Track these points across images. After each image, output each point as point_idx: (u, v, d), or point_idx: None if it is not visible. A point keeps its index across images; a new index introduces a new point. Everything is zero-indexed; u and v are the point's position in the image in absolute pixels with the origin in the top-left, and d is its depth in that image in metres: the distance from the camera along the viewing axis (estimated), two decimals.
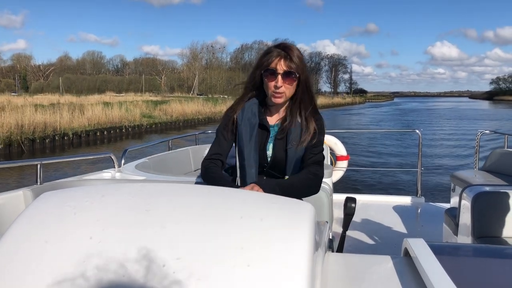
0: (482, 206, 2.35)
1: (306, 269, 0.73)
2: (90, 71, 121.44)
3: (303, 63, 1.73)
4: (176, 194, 0.95)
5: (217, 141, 1.86)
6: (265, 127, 1.80)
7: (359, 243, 3.47)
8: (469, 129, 27.51)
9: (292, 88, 1.72)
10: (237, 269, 0.72)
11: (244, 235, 0.79)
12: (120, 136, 23.26)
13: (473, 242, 2.31)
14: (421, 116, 47.69)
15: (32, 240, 0.81)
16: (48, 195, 0.97)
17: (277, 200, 0.97)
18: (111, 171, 3.02)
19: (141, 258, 0.74)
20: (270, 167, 1.82)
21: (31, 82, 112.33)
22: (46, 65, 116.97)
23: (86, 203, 0.89)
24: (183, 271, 0.72)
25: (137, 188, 0.98)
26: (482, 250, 1.24)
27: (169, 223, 0.81)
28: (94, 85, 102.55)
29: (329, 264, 1.06)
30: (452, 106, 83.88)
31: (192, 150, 4.01)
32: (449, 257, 1.05)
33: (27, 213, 0.89)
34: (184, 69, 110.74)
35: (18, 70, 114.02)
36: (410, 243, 1.04)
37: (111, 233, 0.80)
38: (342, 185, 6.79)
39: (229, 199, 0.95)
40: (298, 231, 0.81)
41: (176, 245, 0.76)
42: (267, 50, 1.75)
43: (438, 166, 13.29)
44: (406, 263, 1.04)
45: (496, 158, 3.81)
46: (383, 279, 1.00)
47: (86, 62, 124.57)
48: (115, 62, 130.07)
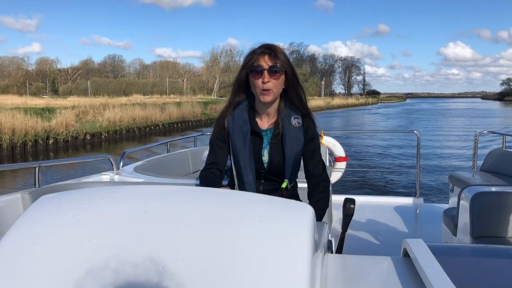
0: (481, 207, 2.39)
1: (305, 270, 0.74)
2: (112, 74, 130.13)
3: (288, 59, 1.78)
4: (174, 196, 0.97)
5: (212, 152, 1.89)
6: (258, 133, 1.83)
7: (358, 244, 3.51)
8: (461, 126, 30.61)
9: (279, 83, 1.75)
10: (236, 270, 0.73)
11: (243, 236, 0.80)
12: (187, 127, 31.92)
13: (472, 242, 2.35)
14: (423, 115, 55.13)
15: (30, 243, 0.81)
16: (46, 198, 0.98)
17: (275, 201, 1.00)
18: (110, 174, 3.08)
19: (140, 261, 0.75)
20: (268, 172, 1.86)
21: (59, 85, 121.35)
22: (74, 68, 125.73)
23: (84, 205, 0.90)
24: (182, 274, 0.73)
25: (136, 191, 0.99)
26: (481, 250, 1.25)
27: (168, 226, 0.82)
28: (119, 88, 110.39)
29: (329, 265, 1.07)
30: (460, 107, 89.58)
31: (191, 152, 4.10)
32: (448, 258, 1.06)
33: (25, 216, 0.89)
34: (203, 72, 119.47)
35: (47, 73, 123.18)
36: (409, 244, 1.06)
37: (110, 235, 0.81)
38: (340, 186, 7.04)
39: (227, 201, 0.96)
40: (297, 232, 0.83)
41: (175, 248, 0.77)
42: (251, 50, 1.80)
43: (436, 166, 13.59)
44: (405, 263, 1.05)
45: (494, 158, 3.84)
46: (383, 280, 1.01)
47: (107, 65, 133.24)
48: (135, 66, 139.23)
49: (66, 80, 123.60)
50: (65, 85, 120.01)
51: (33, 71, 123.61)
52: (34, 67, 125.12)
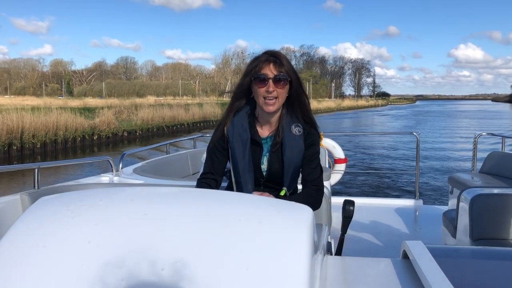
0: (480, 208, 2.40)
1: (305, 272, 0.75)
2: (125, 76, 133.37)
3: (293, 67, 1.76)
4: (174, 198, 0.98)
5: (210, 160, 1.87)
6: (257, 142, 1.82)
7: (358, 245, 3.53)
8: (466, 128, 31.15)
9: (284, 92, 1.73)
10: (236, 272, 0.74)
11: (242, 238, 0.81)
12: (209, 126, 34.63)
13: (471, 244, 2.36)
14: (431, 116, 57.47)
15: (30, 244, 0.82)
16: (46, 200, 0.99)
17: (275, 203, 1.00)
18: (109, 175, 3.10)
19: (140, 262, 0.75)
20: (267, 180, 1.85)
21: (73, 86, 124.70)
22: (88, 70, 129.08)
23: (84, 207, 0.90)
24: (181, 275, 0.73)
25: (135, 192, 1.00)
26: (480, 252, 1.24)
27: (167, 227, 0.83)
28: (133, 90, 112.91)
29: (328, 267, 1.07)
30: (469, 109, 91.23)
31: (190, 154, 4.16)
32: (448, 259, 1.06)
33: (25, 218, 0.90)
34: (215, 74, 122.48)
35: (62, 75, 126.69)
36: (409, 246, 1.07)
37: (109, 237, 0.81)
38: (340, 188, 7.07)
39: (227, 202, 0.97)
40: (297, 234, 0.83)
41: (175, 249, 0.78)
42: (255, 57, 1.77)
43: (436, 168, 13.61)
44: (405, 265, 1.06)
45: (494, 160, 3.86)
46: (382, 281, 1.01)
47: (120, 67, 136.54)
48: (147, 67, 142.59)
49: (81, 81, 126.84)
50: (80, 86, 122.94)
51: (48, 73, 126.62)
52: (48, 69, 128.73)
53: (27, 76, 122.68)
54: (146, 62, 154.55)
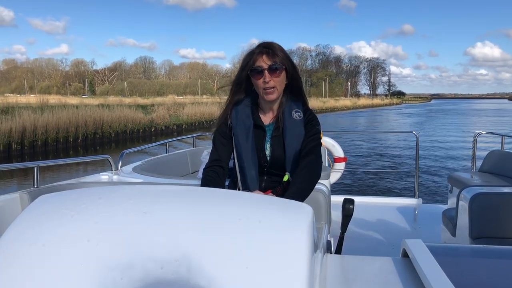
0: (480, 207, 2.43)
1: (304, 271, 0.76)
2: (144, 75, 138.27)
3: (287, 55, 1.82)
4: (173, 196, 0.99)
5: (215, 148, 1.93)
6: (261, 127, 1.89)
7: (358, 244, 3.54)
8: (473, 126, 31.74)
9: (281, 80, 1.81)
10: (235, 271, 0.74)
11: (242, 237, 0.81)
12: None
13: (471, 243, 2.38)
14: (441, 114, 59.71)
15: (29, 243, 0.82)
16: (45, 198, 0.99)
17: (275, 202, 1.01)
18: (109, 174, 3.12)
19: (139, 261, 0.76)
20: (270, 166, 1.89)
21: (96, 85, 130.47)
22: (110, 69, 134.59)
23: (83, 206, 0.91)
24: (181, 274, 0.74)
25: (135, 191, 1.00)
26: (479, 251, 1.25)
27: (167, 225, 0.84)
28: (154, 89, 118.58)
29: (328, 265, 1.09)
30: (483, 108, 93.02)
31: (190, 152, 4.19)
32: (447, 258, 1.07)
33: (24, 216, 0.91)
34: (232, 73, 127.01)
35: (84, 75, 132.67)
36: (409, 244, 1.08)
37: (109, 236, 0.82)
38: (340, 187, 7.36)
39: (227, 201, 0.97)
40: (297, 233, 0.84)
41: (174, 248, 0.78)
42: (249, 51, 1.84)
43: (435, 167, 13.67)
44: (405, 264, 1.07)
45: (493, 159, 3.89)
46: (382, 280, 1.02)
47: (138, 66, 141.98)
48: (165, 67, 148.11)
49: (103, 81, 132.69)
50: (102, 85, 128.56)
51: (71, 72, 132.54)
52: (69, 69, 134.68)
53: (51, 76, 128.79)
54: (164, 61, 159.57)
